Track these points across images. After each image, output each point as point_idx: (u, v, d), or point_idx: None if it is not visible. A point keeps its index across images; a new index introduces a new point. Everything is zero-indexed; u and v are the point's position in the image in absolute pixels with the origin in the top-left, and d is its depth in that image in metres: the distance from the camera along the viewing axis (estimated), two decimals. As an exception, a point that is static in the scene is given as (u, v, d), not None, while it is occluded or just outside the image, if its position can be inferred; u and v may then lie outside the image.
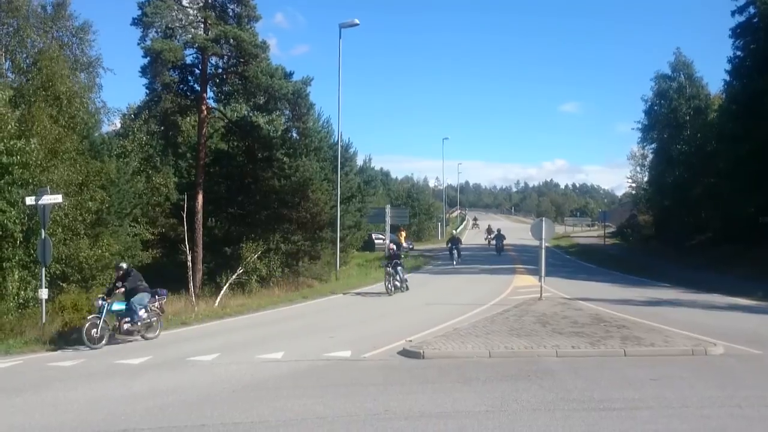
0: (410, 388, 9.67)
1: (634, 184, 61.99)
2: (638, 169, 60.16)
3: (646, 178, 57.10)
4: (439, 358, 11.67)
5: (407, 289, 23.80)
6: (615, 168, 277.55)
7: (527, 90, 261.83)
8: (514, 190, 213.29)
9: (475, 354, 11.84)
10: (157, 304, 15.64)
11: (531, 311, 16.98)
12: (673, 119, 46.70)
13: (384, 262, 25.14)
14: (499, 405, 8.52)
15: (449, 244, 38.85)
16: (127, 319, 14.74)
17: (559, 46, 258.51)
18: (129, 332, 14.81)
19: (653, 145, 51.43)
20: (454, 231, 40.87)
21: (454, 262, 36.12)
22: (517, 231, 65.10)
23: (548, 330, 13.96)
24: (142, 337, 14.99)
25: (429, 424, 7.81)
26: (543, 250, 19.90)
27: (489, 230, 55.08)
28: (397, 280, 23.53)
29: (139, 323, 14.87)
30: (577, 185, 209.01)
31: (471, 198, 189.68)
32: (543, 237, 19.70)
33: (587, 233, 77.99)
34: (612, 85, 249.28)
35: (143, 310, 15.00)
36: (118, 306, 14.85)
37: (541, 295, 19.79)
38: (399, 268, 23.72)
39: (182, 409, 8.63)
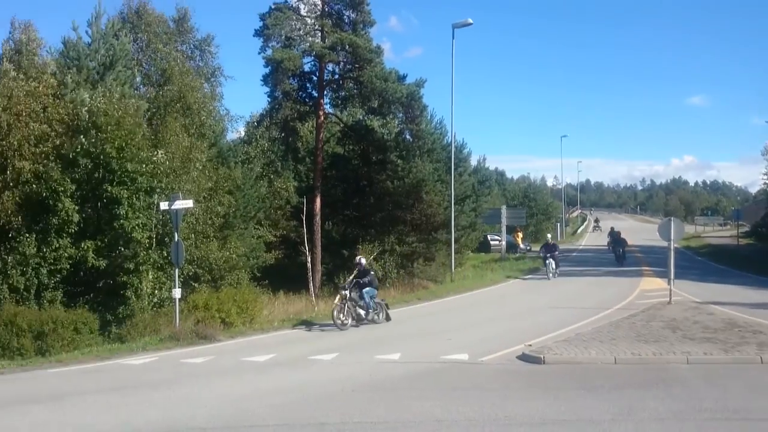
0: (530, 394, 9.45)
1: (769, 181, 57.42)
2: (773, 164, 55.65)
3: (781, 174, 52.75)
4: (560, 364, 11.37)
5: (385, 319, 17.35)
6: (749, 164, 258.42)
7: (652, 83, 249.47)
8: (640, 188, 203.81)
9: (599, 360, 11.45)
10: None
11: (659, 316, 16.22)
12: (808, 112, 42.76)
13: (345, 283, 17.58)
14: (625, 413, 8.16)
15: (542, 251, 31.22)
16: None
17: (685, 35, 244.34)
18: None
19: (787, 140, 47.31)
20: (549, 235, 34.09)
21: (550, 275, 28.86)
22: (643, 231, 62.45)
23: (678, 336, 13.29)
24: None
25: (550, 431, 7.60)
26: (672, 252, 18.90)
27: (611, 233, 45.61)
28: (361, 307, 16.86)
29: None
30: (708, 182, 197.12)
31: (592, 197, 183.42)
32: (671, 238, 18.69)
33: (719, 233, 73.22)
34: (744, 75, 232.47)
35: None
36: None
37: (670, 298, 18.79)
38: (366, 290, 16.91)
39: (305, 407, 8.91)
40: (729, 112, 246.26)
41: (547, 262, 29.48)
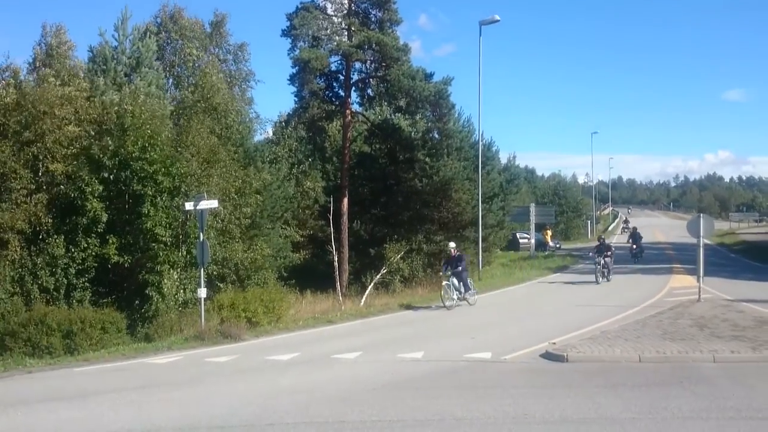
0: (551, 392, 9.35)
1: (809, 175, 56.00)
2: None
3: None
4: (583, 362, 11.24)
5: None
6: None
7: (686, 78, 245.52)
8: (673, 185, 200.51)
9: (624, 358, 11.29)
10: None
11: (687, 314, 15.93)
12: None
13: None
14: (647, 412, 8.02)
15: (444, 267, 20.41)
16: None
17: (720, 29, 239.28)
18: None
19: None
20: (451, 245, 21.07)
21: (450, 301, 19.52)
22: (676, 228, 61.42)
23: (705, 334, 13.04)
24: None
25: (569, 429, 7.51)
26: (701, 248, 18.56)
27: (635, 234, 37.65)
28: None
29: None
30: (744, 178, 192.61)
31: (624, 194, 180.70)
32: (701, 234, 18.35)
33: (755, 229, 71.55)
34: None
35: None
36: None
37: (699, 296, 18.45)
38: None
39: (325, 405, 8.91)
40: (766, 106, 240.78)
41: (446, 282, 19.64)
